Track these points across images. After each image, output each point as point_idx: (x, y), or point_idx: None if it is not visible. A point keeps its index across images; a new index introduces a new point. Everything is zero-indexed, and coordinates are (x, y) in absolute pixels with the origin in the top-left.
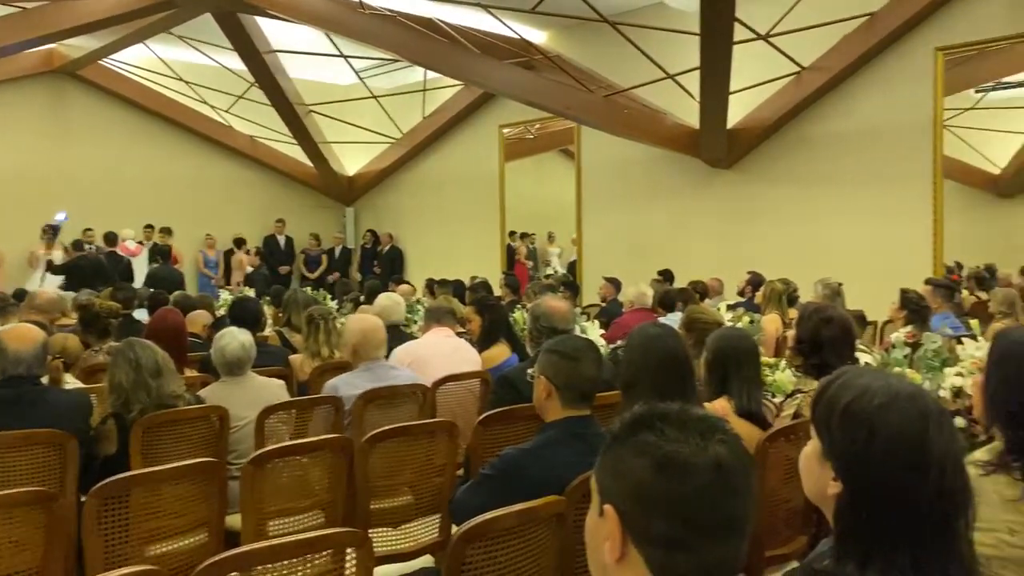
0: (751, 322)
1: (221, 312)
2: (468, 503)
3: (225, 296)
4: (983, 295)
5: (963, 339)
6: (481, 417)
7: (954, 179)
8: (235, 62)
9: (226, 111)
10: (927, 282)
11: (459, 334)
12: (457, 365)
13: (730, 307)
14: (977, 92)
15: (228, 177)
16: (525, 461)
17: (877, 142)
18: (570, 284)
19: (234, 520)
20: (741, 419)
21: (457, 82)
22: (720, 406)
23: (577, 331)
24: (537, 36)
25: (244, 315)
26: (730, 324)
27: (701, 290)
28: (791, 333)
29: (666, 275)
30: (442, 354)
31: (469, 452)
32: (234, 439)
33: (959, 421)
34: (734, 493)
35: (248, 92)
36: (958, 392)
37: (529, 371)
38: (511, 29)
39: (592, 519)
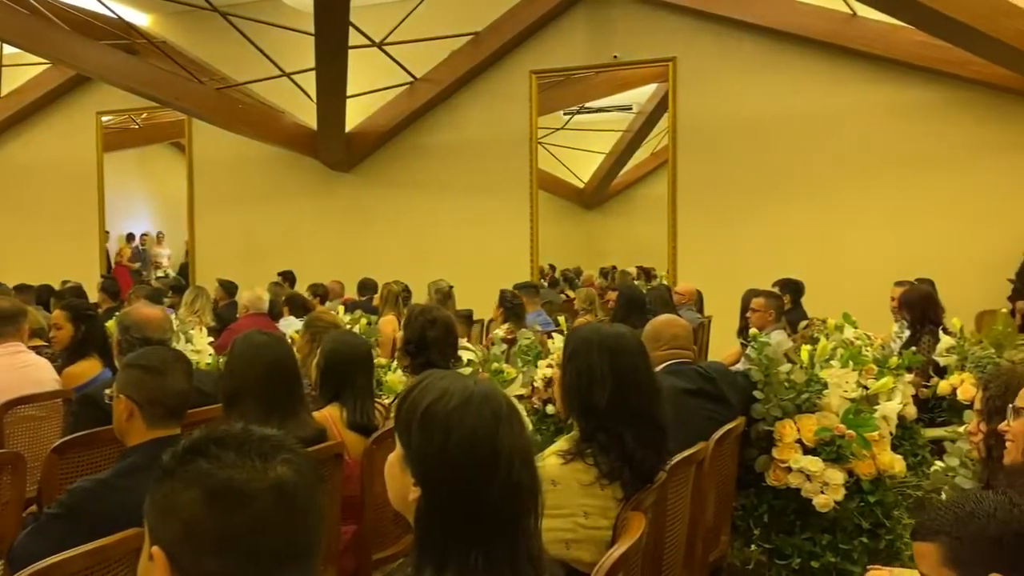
0: (368, 324)
1: None
2: (27, 550)
3: None
4: (572, 293)
5: (553, 334)
6: (56, 444)
7: (548, 190)
8: None
9: None
10: (516, 287)
11: (38, 347)
12: (30, 385)
13: (347, 309)
14: (565, 114)
15: None
16: (99, 493)
17: (483, 153)
18: (180, 288)
19: None
20: (350, 430)
21: (43, 60)
22: (329, 415)
23: (183, 341)
24: (139, 18)
25: None
26: (348, 328)
27: (322, 293)
28: (399, 335)
29: (287, 277)
30: (7, 373)
31: (42, 486)
32: None
33: None
34: (301, 514)
35: None
36: (549, 382)
37: (107, 391)
38: (106, 7)
39: (142, 564)
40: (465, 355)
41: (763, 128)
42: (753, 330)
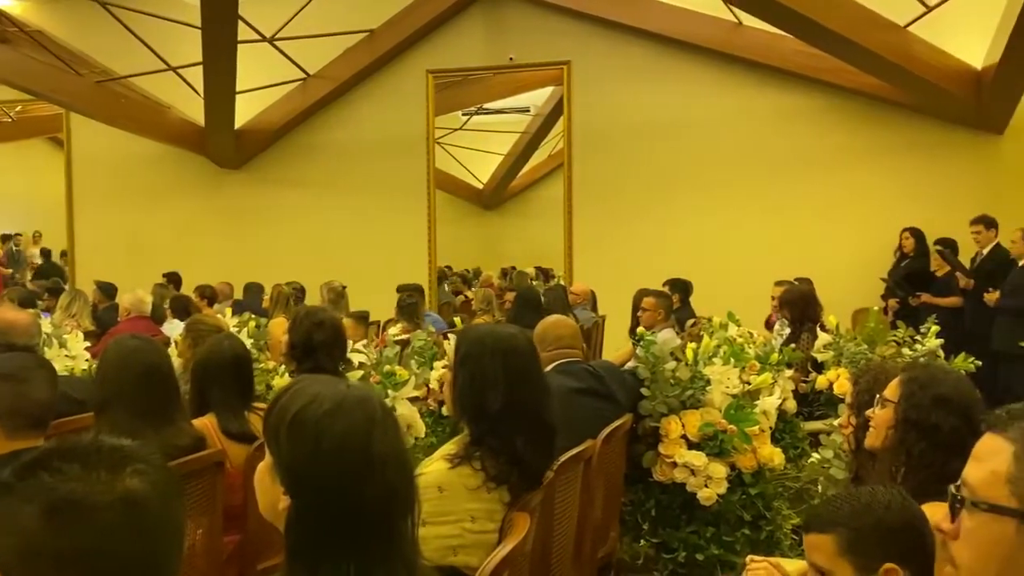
0: (257, 327)
1: None
2: None
3: None
4: (470, 294)
5: (449, 335)
6: None
7: (446, 191)
8: None
9: None
10: (399, 289)
11: None
12: None
13: (236, 311)
14: (463, 114)
15: None
16: None
17: (379, 152)
18: (57, 291)
19: None
20: (229, 439)
21: None
22: (209, 422)
23: (56, 347)
24: (6, 3)
25: None
26: (235, 330)
27: (209, 294)
28: (285, 339)
29: (172, 279)
30: None
31: None
32: None
33: None
34: (153, 528)
35: None
36: (443, 384)
37: None
38: None
39: None
40: (356, 358)
41: (655, 131)
42: (641, 328)
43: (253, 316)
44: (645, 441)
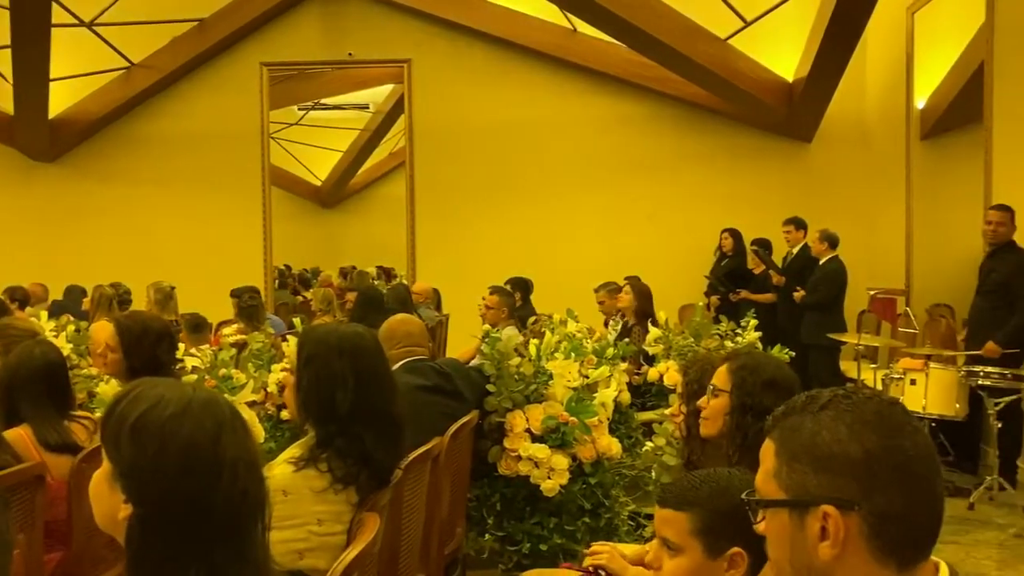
0: (77, 330)
1: None
2: None
3: None
4: (308, 294)
5: (288, 336)
6: None
7: (283, 188)
8: None
9: None
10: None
11: None
12: None
13: (52, 314)
14: (300, 109)
15: None
16: None
17: (210, 146)
18: None
19: None
20: (48, 451)
21: None
22: (21, 435)
23: None
24: None
25: None
26: (51, 335)
27: (21, 297)
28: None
29: None
30: None
31: None
32: None
33: None
34: None
35: None
36: (283, 388)
37: None
38: None
39: None
40: (190, 362)
41: (495, 133)
42: (486, 326)
43: (72, 319)
44: (491, 436)
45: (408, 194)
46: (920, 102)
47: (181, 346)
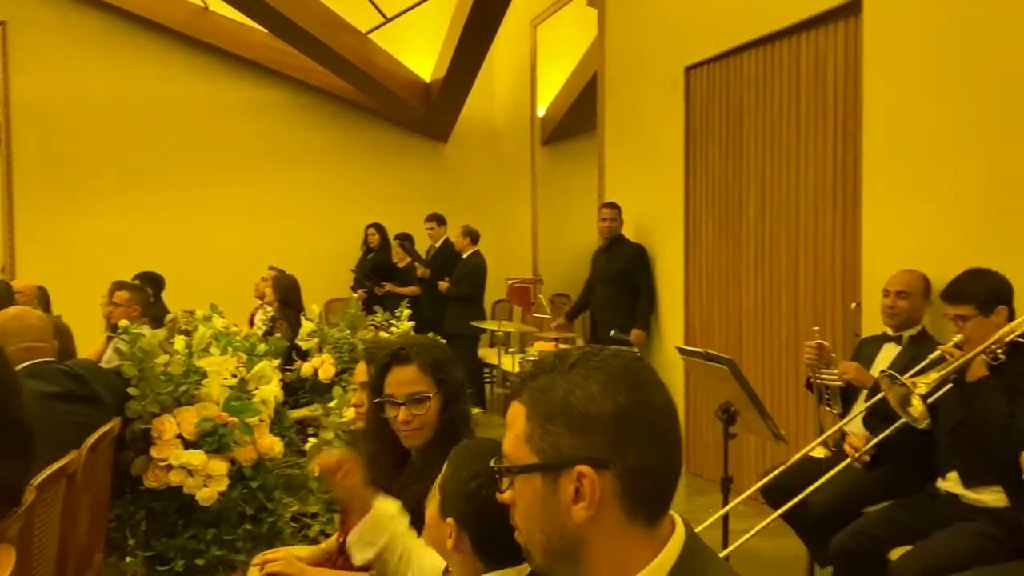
0: None
1: None
2: None
3: None
4: None
5: None
6: None
7: None
8: None
9: None
10: None
11: None
12: None
13: None
14: None
15: None
16: None
17: None
18: None
19: None
20: None
21: None
22: None
23: None
24: None
25: None
26: None
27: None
28: None
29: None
30: None
31: None
32: None
33: None
34: None
35: None
36: None
37: None
38: None
39: None
40: None
41: (119, 114)
42: (124, 321)
43: None
44: (134, 446)
45: (5, 177)
46: (541, 110)
47: None
